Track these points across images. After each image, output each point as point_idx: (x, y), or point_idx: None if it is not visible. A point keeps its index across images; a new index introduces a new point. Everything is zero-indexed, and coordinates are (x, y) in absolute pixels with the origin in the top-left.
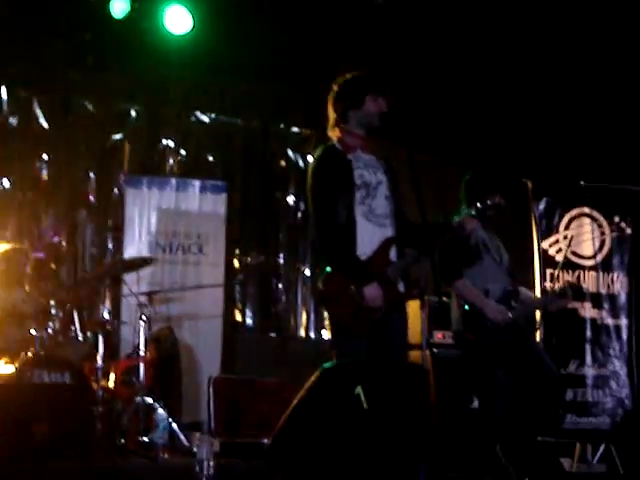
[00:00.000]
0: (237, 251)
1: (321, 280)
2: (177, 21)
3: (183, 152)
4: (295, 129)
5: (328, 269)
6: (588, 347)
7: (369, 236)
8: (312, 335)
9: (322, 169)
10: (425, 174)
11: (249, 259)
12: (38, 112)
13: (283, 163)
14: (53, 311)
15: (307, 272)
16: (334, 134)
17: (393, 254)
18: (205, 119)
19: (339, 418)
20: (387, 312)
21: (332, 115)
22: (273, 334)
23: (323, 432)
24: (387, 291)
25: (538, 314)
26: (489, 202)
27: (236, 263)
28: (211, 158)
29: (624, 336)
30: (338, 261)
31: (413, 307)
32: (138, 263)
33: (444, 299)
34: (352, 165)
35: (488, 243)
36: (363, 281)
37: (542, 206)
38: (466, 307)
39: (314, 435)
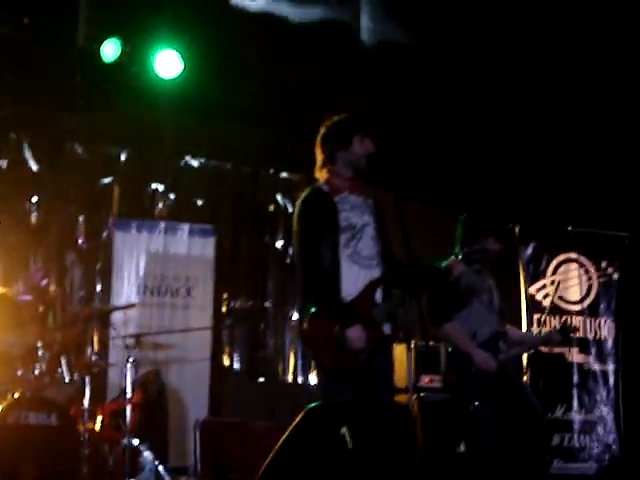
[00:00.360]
0: (225, 295)
1: (306, 321)
2: (167, 65)
3: (172, 196)
4: (284, 174)
5: (313, 310)
6: (575, 392)
7: (354, 278)
8: (300, 380)
9: (307, 211)
10: (414, 220)
11: (237, 303)
12: (28, 155)
13: (272, 208)
14: (40, 353)
15: (295, 316)
16: (321, 176)
17: (379, 295)
18: (195, 163)
19: (324, 458)
20: (372, 354)
21: (320, 157)
22: (261, 379)
23: (307, 472)
24: (371, 332)
25: (525, 359)
26: (476, 247)
27: (224, 307)
28: (200, 202)
29: (611, 381)
30: (322, 302)
31: (400, 351)
32: (125, 307)
33: (431, 343)
34: (338, 207)
35: (477, 286)
36: (347, 323)
37: (529, 251)
38: (449, 349)
39: (298, 475)
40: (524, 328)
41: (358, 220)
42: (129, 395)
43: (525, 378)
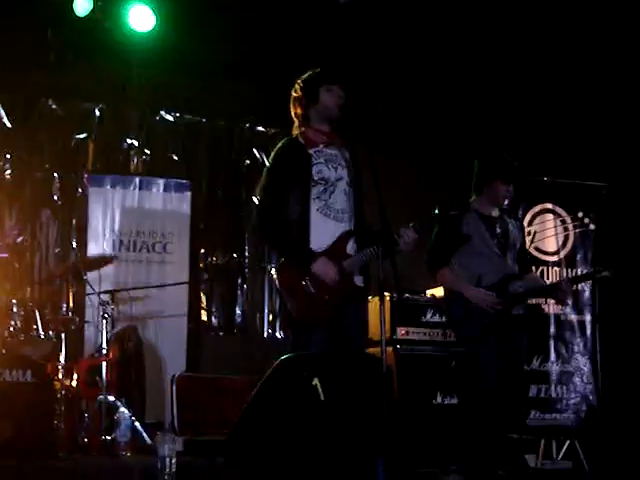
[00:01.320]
0: (202, 250)
1: (275, 272)
2: (140, 19)
3: (147, 151)
4: (260, 128)
5: (281, 260)
6: (552, 343)
7: (324, 230)
8: (278, 335)
9: (279, 161)
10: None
11: (214, 259)
12: (1, 111)
13: (248, 162)
14: (15, 309)
15: (273, 272)
16: (296, 130)
17: (350, 247)
18: (169, 118)
19: (296, 410)
20: (344, 306)
21: (294, 116)
22: (238, 333)
23: (280, 425)
24: (342, 283)
25: None
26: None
27: (201, 263)
28: (176, 157)
29: (588, 332)
30: (288, 252)
31: (375, 304)
32: (100, 261)
33: (406, 295)
34: (312, 160)
35: (485, 233)
36: (312, 262)
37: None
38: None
39: (271, 428)
40: None
41: (332, 173)
42: (105, 351)
43: None
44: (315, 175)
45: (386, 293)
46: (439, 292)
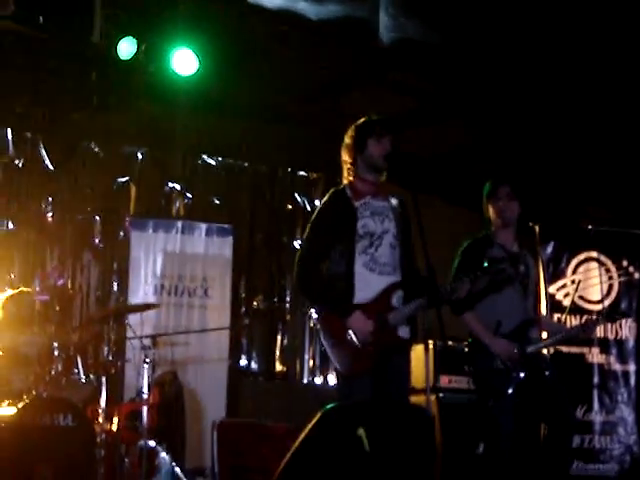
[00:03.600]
0: (243, 295)
1: (319, 323)
2: (184, 63)
3: (189, 195)
4: (302, 172)
5: (324, 313)
6: (595, 393)
7: (370, 284)
8: (318, 381)
9: (325, 214)
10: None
11: (255, 303)
12: (44, 153)
13: (290, 206)
14: (56, 353)
15: (314, 320)
16: (346, 181)
17: (395, 300)
18: (212, 162)
19: (340, 460)
20: (388, 357)
21: (344, 164)
22: (279, 379)
23: (324, 474)
24: (386, 335)
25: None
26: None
27: (242, 307)
28: (217, 201)
29: (632, 382)
30: (329, 306)
31: (418, 351)
32: (142, 308)
33: (450, 343)
34: (357, 214)
35: (507, 274)
36: (347, 317)
37: (549, 250)
38: (469, 340)
39: (315, 477)
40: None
41: (378, 227)
42: (145, 396)
43: None
44: (360, 229)
45: (430, 341)
46: None
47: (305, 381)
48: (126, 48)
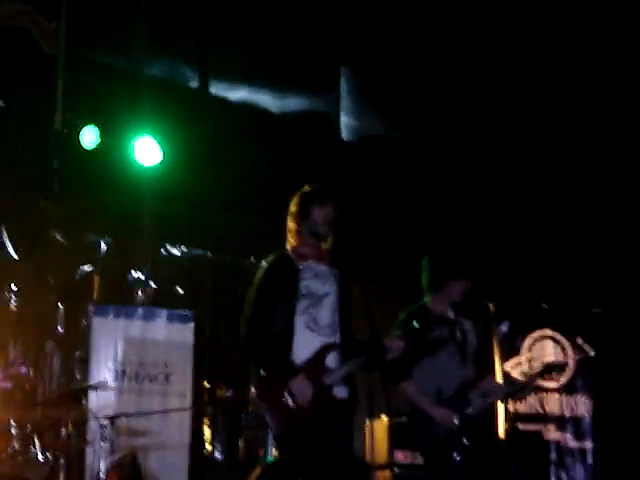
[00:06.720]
0: (205, 382)
1: (255, 384)
2: (147, 153)
3: (153, 284)
4: (265, 263)
5: (261, 372)
6: (552, 470)
7: (308, 344)
8: None
9: (268, 276)
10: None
11: (217, 392)
12: (7, 242)
13: None
14: (14, 431)
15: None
16: (289, 245)
17: (330, 360)
18: (175, 252)
19: None
20: (329, 420)
21: (288, 230)
22: (241, 468)
23: None
24: (322, 397)
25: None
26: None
27: (204, 395)
28: (181, 290)
29: (589, 459)
30: (269, 364)
31: (378, 426)
32: (94, 387)
33: (403, 418)
34: (300, 275)
35: (444, 338)
36: (289, 380)
37: (504, 328)
38: (408, 409)
39: None
40: (499, 404)
41: (320, 288)
42: (103, 478)
43: None
44: (303, 289)
45: (383, 415)
46: None
47: None
48: (88, 136)
